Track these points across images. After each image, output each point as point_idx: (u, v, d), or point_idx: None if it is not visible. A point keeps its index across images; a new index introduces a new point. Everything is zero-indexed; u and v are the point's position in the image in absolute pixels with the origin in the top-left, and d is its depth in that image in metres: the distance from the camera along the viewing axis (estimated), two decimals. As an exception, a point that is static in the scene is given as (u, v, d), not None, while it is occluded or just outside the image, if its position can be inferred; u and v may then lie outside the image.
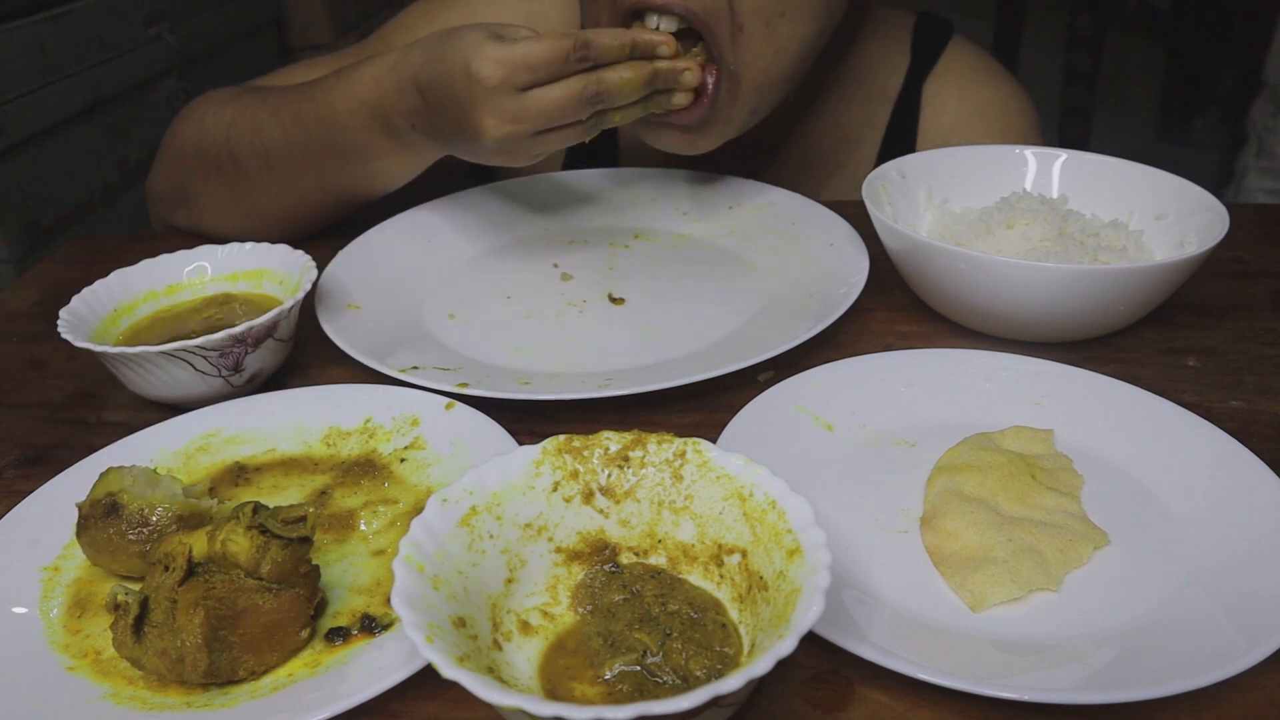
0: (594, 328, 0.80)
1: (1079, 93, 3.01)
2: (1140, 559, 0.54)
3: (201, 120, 0.93)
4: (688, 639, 0.46)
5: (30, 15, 1.61)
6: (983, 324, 0.74)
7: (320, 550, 0.56)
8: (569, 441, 0.51)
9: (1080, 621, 0.50)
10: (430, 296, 0.85)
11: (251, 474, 0.63)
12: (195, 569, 0.48)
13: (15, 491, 0.63)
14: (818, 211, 0.91)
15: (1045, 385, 0.66)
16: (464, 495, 0.48)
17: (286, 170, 0.86)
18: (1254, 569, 0.50)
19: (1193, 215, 0.77)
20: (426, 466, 0.62)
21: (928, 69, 1.00)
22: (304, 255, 0.75)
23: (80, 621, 0.52)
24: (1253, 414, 0.66)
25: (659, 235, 0.95)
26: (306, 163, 0.85)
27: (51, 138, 1.66)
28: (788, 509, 0.46)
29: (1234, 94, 2.93)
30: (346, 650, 0.49)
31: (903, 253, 0.76)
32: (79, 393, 0.75)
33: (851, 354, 0.70)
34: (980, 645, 0.49)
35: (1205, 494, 0.56)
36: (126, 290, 0.76)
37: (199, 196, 0.94)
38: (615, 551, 0.51)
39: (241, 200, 0.91)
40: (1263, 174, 2.06)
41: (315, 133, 0.83)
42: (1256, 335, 0.76)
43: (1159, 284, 0.69)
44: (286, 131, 0.85)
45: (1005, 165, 0.87)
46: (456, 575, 0.46)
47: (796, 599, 0.41)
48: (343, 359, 0.73)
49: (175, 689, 0.48)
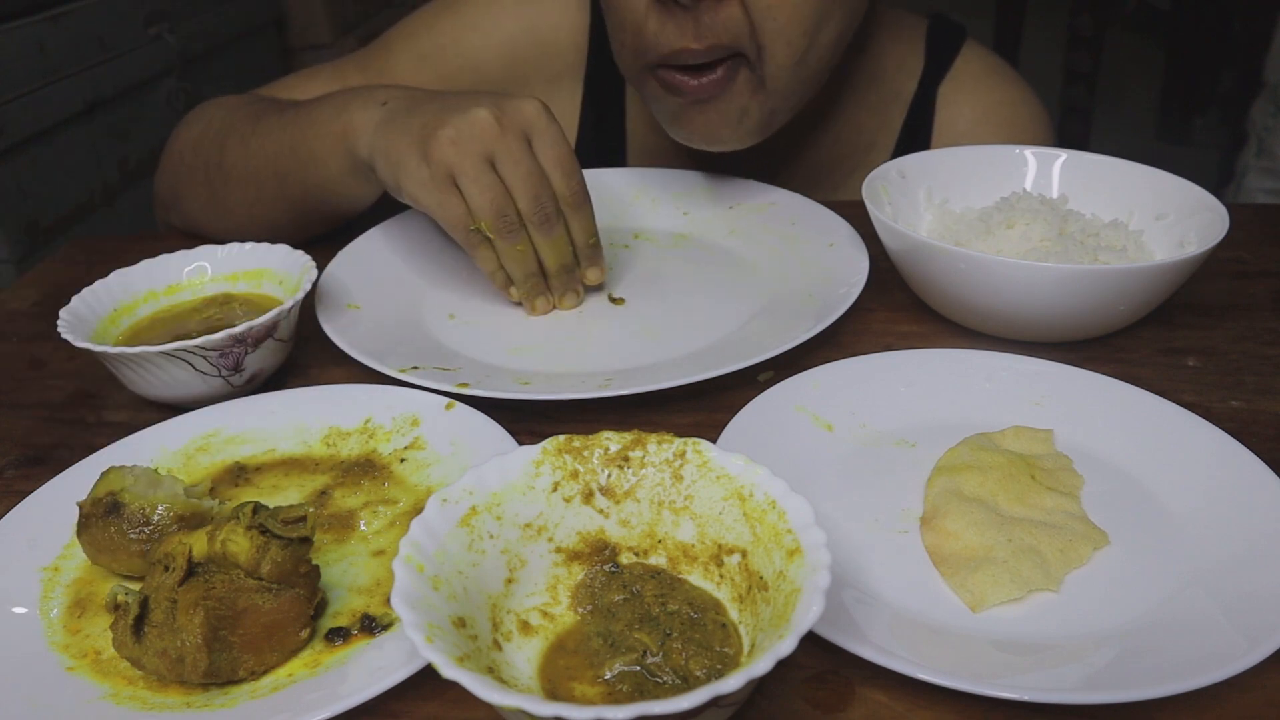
0: (594, 328, 0.80)
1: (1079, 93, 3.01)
2: (1140, 559, 0.54)
3: (199, 124, 0.95)
4: (688, 639, 0.46)
5: (30, 15, 1.62)
6: (983, 324, 0.74)
7: (320, 550, 0.56)
8: (569, 441, 0.51)
9: (1080, 621, 0.50)
10: (430, 296, 0.85)
11: (251, 474, 0.63)
12: (195, 569, 0.48)
13: (15, 491, 0.63)
14: (818, 211, 0.91)
15: (1045, 385, 0.66)
16: (464, 495, 0.48)
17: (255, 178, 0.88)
18: (1254, 569, 0.50)
19: (1193, 215, 0.77)
20: (426, 466, 0.62)
21: (942, 72, 1.01)
22: (304, 255, 0.75)
23: (80, 621, 0.52)
24: (1253, 414, 0.66)
25: (659, 235, 0.95)
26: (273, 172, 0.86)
27: (51, 138, 1.66)
28: (788, 509, 0.46)
29: (1234, 94, 2.93)
30: (346, 650, 0.49)
31: (903, 253, 0.76)
32: (79, 393, 0.75)
33: (851, 354, 0.70)
34: (980, 645, 0.49)
35: (1205, 494, 0.56)
36: (126, 290, 0.76)
37: (186, 199, 0.95)
38: (615, 551, 0.51)
39: (219, 206, 0.92)
40: (1263, 174, 2.06)
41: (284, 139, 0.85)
42: (1256, 335, 0.76)
43: (1159, 284, 0.69)
44: (262, 140, 0.86)
45: (1005, 165, 0.87)
46: (456, 575, 0.46)
47: (796, 599, 0.41)
48: (343, 359, 0.73)
49: (175, 689, 0.48)
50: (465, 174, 0.72)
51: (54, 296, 0.88)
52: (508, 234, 0.74)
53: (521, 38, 1.01)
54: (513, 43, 1.00)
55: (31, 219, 1.61)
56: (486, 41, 1.00)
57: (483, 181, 0.72)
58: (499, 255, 0.76)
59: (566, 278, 0.80)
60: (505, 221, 0.74)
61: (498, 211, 0.73)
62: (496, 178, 0.73)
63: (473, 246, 0.76)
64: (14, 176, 1.58)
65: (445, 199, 0.73)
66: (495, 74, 1.01)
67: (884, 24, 0.99)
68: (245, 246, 0.79)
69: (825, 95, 0.95)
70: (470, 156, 0.72)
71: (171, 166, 0.97)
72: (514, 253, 0.76)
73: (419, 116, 0.74)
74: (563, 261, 0.78)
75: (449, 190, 0.73)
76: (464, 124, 0.72)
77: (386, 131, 0.76)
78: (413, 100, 0.78)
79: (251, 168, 0.88)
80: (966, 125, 1.00)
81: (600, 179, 1.01)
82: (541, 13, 1.01)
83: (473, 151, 0.72)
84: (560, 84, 1.03)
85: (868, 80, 0.99)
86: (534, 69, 1.02)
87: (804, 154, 1.02)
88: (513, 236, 0.75)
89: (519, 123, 0.73)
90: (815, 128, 1.00)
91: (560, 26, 1.01)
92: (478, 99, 0.74)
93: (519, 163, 0.73)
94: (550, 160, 0.74)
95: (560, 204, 0.75)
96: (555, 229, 0.76)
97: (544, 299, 0.80)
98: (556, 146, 0.74)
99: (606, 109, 1.04)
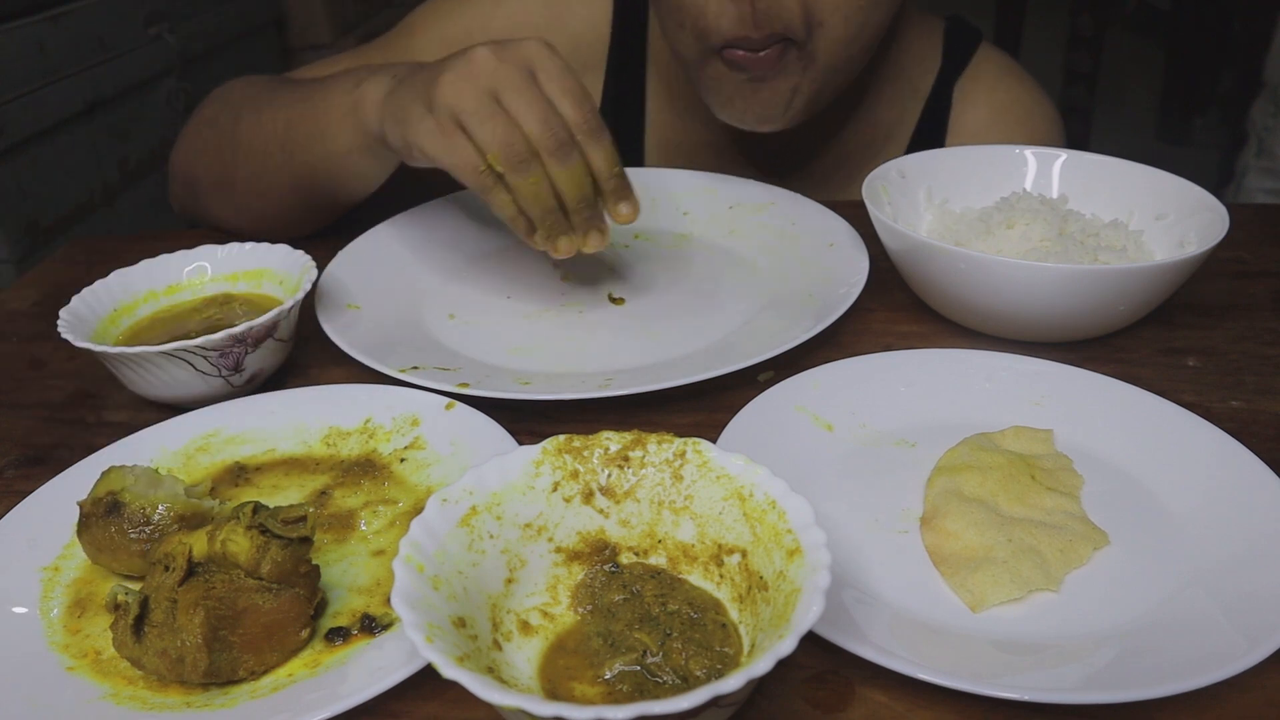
0: (594, 328, 0.80)
1: (1079, 93, 3.01)
2: (1140, 559, 0.54)
3: (220, 99, 0.96)
4: (688, 639, 0.46)
5: (30, 15, 1.61)
6: (983, 324, 0.74)
7: (320, 550, 0.56)
8: (569, 441, 0.51)
9: (1080, 621, 0.50)
10: (430, 296, 0.85)
11: (251, 474, 0.63)
12: (195, 569, 0.48)
13: (15, 491, 0.63)
14: (818, 211, 0.91)
15: (1045, 385, 0.66)
16: (464, 495, 0.48)
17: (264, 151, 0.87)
18: (1254, 569, 0.50)
19: (1193, 215, 0.77)
20: (426, 466, 0.62)
21: (959, 70, 1.02)
22: (304, 255, 0.75)
23: (80, 621, 0.52)
24: (1253, 414, 0.66)
25: (659, 235, 0.95)
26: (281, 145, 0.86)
27: (51, 138, 1.66)
28: (788, 509, 0.46)
29: (1234, 94, 2.93)
30: (346, 650, 0.49)
31: (903, 253, 0.76)
32: (79, 393, 0.75)
33: (851, 354, 0.70)
34: (980, 645, 0.49)
35: (1205, 494, 0.56)
36: (126, 290, 0.76)
37: (199, 173, 0.95)
38: (615, 551, 0.51)
39: (226, 181, 0.92)
40: (1263, 174, 2.06)
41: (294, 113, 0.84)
42: (1256, 335, 0.76)
43: (1159, 284, 0.69)
44: (275, 113, 0.86)
45: (1005, 165, 0.87)
46: (456, 575, 0.46)
47: (796, 599, 0.41)
48: (343, 359, 0.73)
49: (175, 689, 0.48)
50: (467, 111, 0.69)
51: (54, 296, 0.88)
52: (519, 165, 0.70)
53: (547, 27, 1.01)
54: (537, 31, 1.00)
55: (31, 219, 1.61)
56: (513, 30, 0.99)
57: (485, 113, 0.69)
58: (515, 197, 0.72)
59: (589, 213, 0.74)
60: (514, 152, 0.70)
61: (504, 142, 0.69)
62: (501, 109, 0.70)
63: (486, 190, 0.71)
64: (14, 176, 1.58)
65: (452, 142, 0.70)
66: None
67: (909, 20, 1.00)
68: (245, 246, 0.79)
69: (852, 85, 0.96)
70: (472, 94, 0.69)
71: (188, 142, 0.97)
72: (528, 187, 0.71)
73: (423, 76, 0.73)
74: (582, 193, 0.73)
75: (455, 133, 0.70)
76: (463, 65, 0.70)
77: (395, 97, 0.75)
78: (421, 67, 0.76)
79: (262, 140, 0.87)
80: (980, 123, 1.01)
81: (600, 179, 1.01)
82: (567, 3, 1.01)
83: (475, 89, 0.69)
84: (583, 74, 1.03)
85: (892, 72, 1.00)
86: None
87: (826, 145, 1.03)
88: (524, 168, 0.70)
89: (521, 57, 0.71)
90: (838, 118, 1.01)
91: (585, 17, 1.01)
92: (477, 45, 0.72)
93: (521, 91, 0.70)
94: (557, 90, 0.71)
95: (574, 133, 0.71)
96: (570, 156, 0.71)
97: (567, 238, 0.75)
98: (563, 78, 0.71)
99: (628, 100, 1.04)
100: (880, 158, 1.02)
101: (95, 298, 0.74)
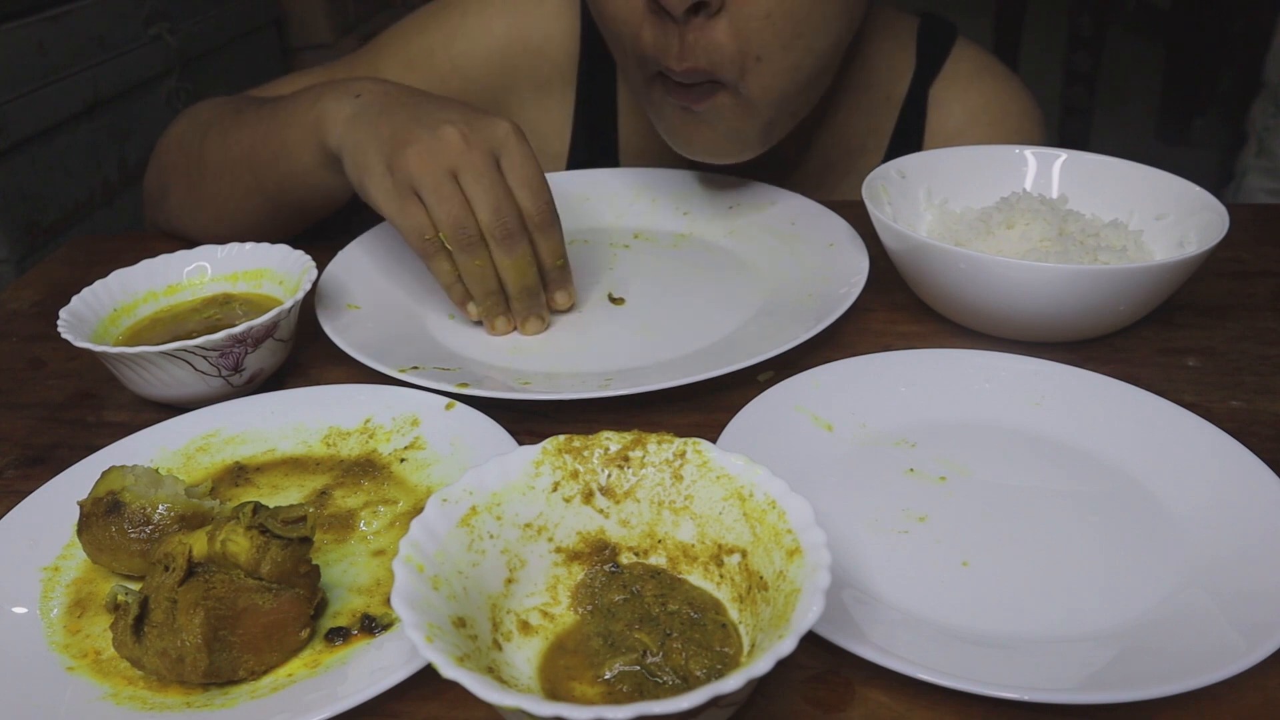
0: (594, 328, 0.80)
1: (1079, 93, 3.01)
2: (1140, 559, 0.54)
3: (186, 121, 0.96)
4: (688, 639, 0.46)
5: (30, 15, 1.61)
6: (983, 324, 0.74)
7: (320, 550, 0.56)
8: (569, 441, 0.51)
9: (1080, 621, 0.50)
10: (430, 296, 0.85)
11: (251, 474, 0.63)
12: (195, 569, 0.48)
13: (15, 491, 0.63)
14: (818, 211, 0.91)
15: (1045, 385, 0.66)
16: (464, 495, 0.48)
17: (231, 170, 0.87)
18: (1254, 569, 0.50)
19: (1193, 215, 0.77)
20: (426, 466, 0.62)
21: (933, 73, 1.00)
22: (304, 255, 0.75)
23: (80, 621, 0.52)
24: (1253, 414, 0.66)
25: (659, 235, 0.95)
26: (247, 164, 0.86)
27: (51, 138, 1.66)
28: (788, 509, 0.46)
29: (1234, 94, 2.93)
30: (346, 650, 0.49)
31: (903, 253, 0.76)
32: (79, 393, 0.75)
33: (851, 354, 0.70)
34: (980, 645, 0.49)
35: (1205, 494, 0.56)
36: (126, 290, 0.76)
37: (169, 194, 0.95)
38: (615, 551, 0.51)
39: (196, 200, 0.92)
40: (1263, 174, 2.06)
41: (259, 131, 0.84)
42: (1256, 335, 0.76)
43: (1159, 284, 0.69)
44: (240, 132, 0.86)
45: (1005, 165, 0.87)
46: (456, 575, 0.46)
47: (796, 599, 0.41)
48: (343, 359, 0.73)
49: (175, 689, 0.48)
50: (426, 187, 0.71)
51: (54, 296, 0.89)
52: (466, 247, 0.72)
53: (511, 44, 1.00)
54: (502, 48, 1.00)
55: (31, 219, 1.61)
56: (475, 47, 1.00)
57: (443, 192, 0.71)
58: (459, 269, 0.74)
59: (530, 301, 0.76)
60: (463, 234, 0.72)
61: (456, 223, 0.71)
62: (458, 190, 0.71)
63: (429, 256, 0.73)
64: (14, 176, 1.58)
65: (405, 206, 0.72)
66: (484, 79, 1.00)
67: (877, 25, 0.98)
68: (245, 247, 0.79)
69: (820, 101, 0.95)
70: (432, 171, 0.71)
71: (157, 162, 0.98)
72: (473, 268, 0.73)
73: (388, 124, 0.73)
74: (525, 283, 0.75)
75: (410, 199, 0.72)
76: (430, 139, 0.71)
77: (355, 129, 0.75)
78: (386, 98, 0.77)
79: (228, 159, 0.87)
80: (956, 126, 1.00)
81: (600, 179, 1.01)
82: (531, 18, 1.00)
83: (436, 166, 0.71)
84: (550, 89, 1.03)
85: (861, 84, 0.99)
86: (524, 75, 1.01)
87: (794, 161, 1.02)
88: (471, 250, 0.72)
89: (487, 140, 0.72)
90: (806, 134, 1.00)
91: (550, 32, 1.00)
92: (449, 114, 0.73)
93: (481, 176, 0.71)
94: (517, 179, 0.73)
95: (526, 223, 0.74)
96: (517, 247, 0.73)
97: (504, 319, 0.77)
98: (525, 166, 0.73)
99: (599, 114, 1.04)
100: (855, 171, 1.02)
101: (95, 298, 0.74)
